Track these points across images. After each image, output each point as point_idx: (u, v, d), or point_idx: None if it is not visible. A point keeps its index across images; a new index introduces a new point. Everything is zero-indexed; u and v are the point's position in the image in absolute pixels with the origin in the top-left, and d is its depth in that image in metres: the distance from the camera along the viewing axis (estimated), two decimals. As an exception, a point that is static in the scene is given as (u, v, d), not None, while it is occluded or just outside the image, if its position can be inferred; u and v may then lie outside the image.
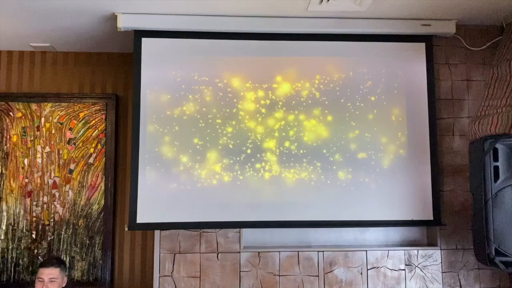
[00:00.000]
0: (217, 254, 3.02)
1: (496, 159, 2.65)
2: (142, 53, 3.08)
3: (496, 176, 2.63)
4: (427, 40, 3.21)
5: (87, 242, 3.59)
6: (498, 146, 2.65)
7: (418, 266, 3.09)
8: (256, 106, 3.11)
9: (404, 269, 3.09)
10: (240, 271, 3.02)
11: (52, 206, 3.59)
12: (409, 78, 3.20)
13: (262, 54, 3.15)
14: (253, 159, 3.06)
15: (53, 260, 2.88)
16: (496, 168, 2.64)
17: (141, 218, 2.96)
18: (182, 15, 3.02)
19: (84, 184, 3.64)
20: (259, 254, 3.04)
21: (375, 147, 3.13)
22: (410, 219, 3.10)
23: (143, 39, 3.09)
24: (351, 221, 3.09)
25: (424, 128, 3.17)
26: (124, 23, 3.00)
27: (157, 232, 3.03)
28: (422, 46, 3.20)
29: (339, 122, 3.13)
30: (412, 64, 3.21)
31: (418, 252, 3.11)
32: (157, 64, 3.08)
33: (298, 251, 3.06)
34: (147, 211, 2.97)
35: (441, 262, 3.10)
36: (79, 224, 3.60)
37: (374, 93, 3.17)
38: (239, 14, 3.02)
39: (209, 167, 3.03)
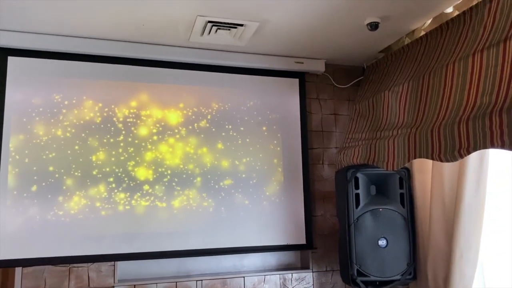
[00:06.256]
0: (88, 290, 2.83)
1: (357, 187, 2.94)
2: (7, 73, 2.83)
3: (357, 203, 2.92)
4: (301, 76, 3.48)
5: None
6: (359, 175, 2.95)
7: (292, 289, 3.25)
8: (132, 133, 3.03)
9: (279, 293, 3.22)
10: (113, 307, 2.86)
11: None
12: (285, 111, 3.42)
13: (142, 80, 3.10)
14: (125, 188, 2.95)
15: None
16: (357, 195, 2.93)
17: (-2, 255, 2.66)
18: (56, 35, 2.85)
19: None
20: (134, 287, 2.91)
21: (256, 175, 3.24)
22: (286, 243, 3.26)
23: (9, 58, 2.85)
24: (230, 248, 3.13)
25: (298, 157, 3.39)
26: (-13, 39, 2.74)
27: (18, 270, 2.73)
28: (296, 81, 3.46)
29: (218, 150, 3.19)
30: (287, 98, 3.43)
31: (292, 275, 3.27)
32: (23, 85, 2.85)
33: (176, 282, 3.00)
34: (6, 247, 2.67)
35: (313, 284, 3.29)
36: None
37: (255, 123, 3.31)
38: (119, 38, 2.95)
39: (79, 197, 2.86)
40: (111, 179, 2.93)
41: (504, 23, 2.13)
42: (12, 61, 2.85)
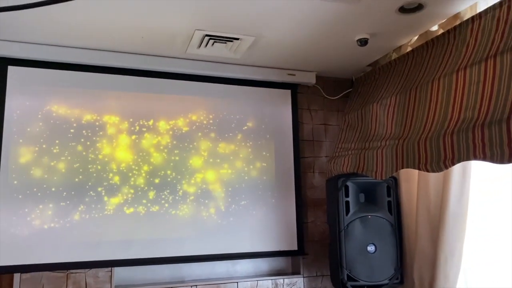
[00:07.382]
0: (86, 295, 2.89)
1: (347, 195, 3.06)
2: (7, 82, 2.89)
3: (347, 210, 3.04)
4: (293, 87, 3.61)
5: None
6: (349, 183, 3.07)
7: (284, 294, 3.35)
8: (129, 141, 3.11)
9: (271, 298, 3.31)
10: (110, 312, 2.92)
11: None
12: (278, 121, 3.54)
13: (140, 90, 3.19)
14: (122, 195, 3.03)
15: None
16: (347, 203, 3.05)
17: (-3, 261, 2.70)
18: (56, 46, 2.92)
19: None
20: (131, 292, 2.98)
21: (249, 183, 3.35)
22: (278, 249, 3.36)
23: (9, 67, 2.91)
24: (223, 254, 3.22)
25: (290, 165, 3.51)
26: (-13, 48, 2.80)
27: (16, 276, 2.77)
28: (288, 92, 3.59)
29: (213, 158, 3.29)
30: (280, 108, 3.56)
31: (284, 280, 3.37)
32: (23, 94, 2.91)
33: (171, 287, 3.07)
34: (5, 253, 2.72)
35: (304, 289, 3.40)
36: None
37: (248, 132, 3.42)
38: (118, 50, 3.03)
39: (77, 203, 2.92)
40: (108, 187, 3.00)
41: (485, 43, 2.28)
42: (12, 70, 2.91)
